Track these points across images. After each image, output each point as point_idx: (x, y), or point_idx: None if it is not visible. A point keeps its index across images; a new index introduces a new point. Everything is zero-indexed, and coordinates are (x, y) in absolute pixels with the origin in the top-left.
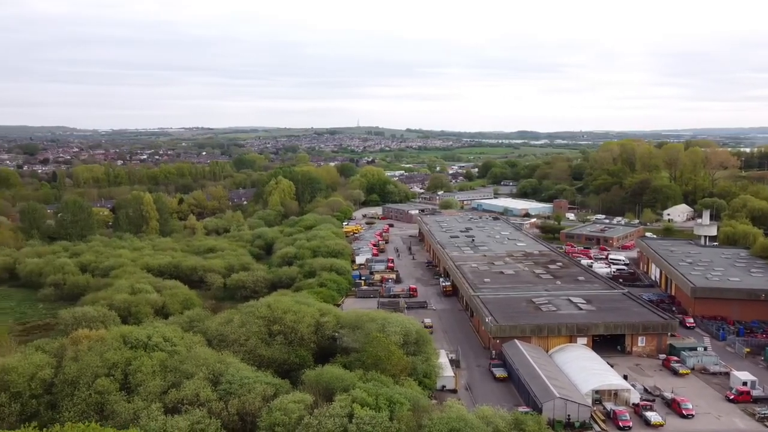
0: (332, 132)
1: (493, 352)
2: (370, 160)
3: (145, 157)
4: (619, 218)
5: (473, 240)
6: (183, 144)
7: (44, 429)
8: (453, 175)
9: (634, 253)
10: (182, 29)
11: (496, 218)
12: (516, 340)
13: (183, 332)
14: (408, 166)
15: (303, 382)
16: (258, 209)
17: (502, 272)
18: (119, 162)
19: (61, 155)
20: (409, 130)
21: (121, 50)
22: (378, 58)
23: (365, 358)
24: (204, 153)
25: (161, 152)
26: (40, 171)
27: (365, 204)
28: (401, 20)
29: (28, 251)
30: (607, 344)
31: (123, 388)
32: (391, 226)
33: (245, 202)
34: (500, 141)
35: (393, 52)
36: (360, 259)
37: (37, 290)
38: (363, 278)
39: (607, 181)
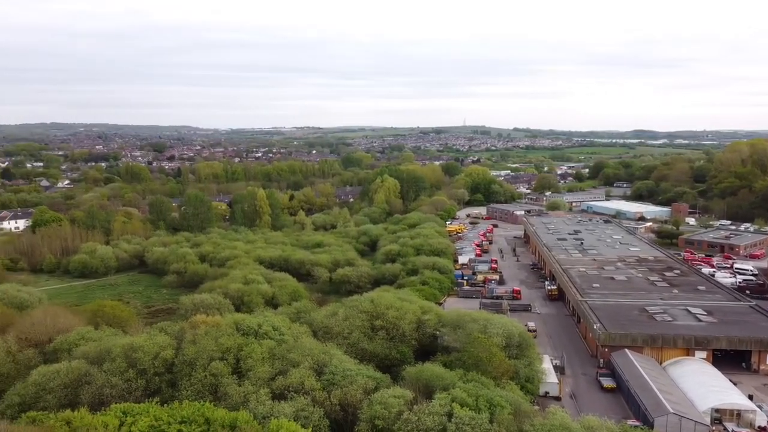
0: (438, 131)
1: (601, 360)
2: (475, 159)
3: (259, 155)
4: (747, 224)
5: (582, 243)
6: (295, 143)
7: (165, 405)
8: (561, 176)
9: (764, 263)
10: (297, 33)
11: (607, 221)
12: (626, 350)
13: (290, 322)
14: (514, 165)
15: (403, 378)
16: (364, 206)
17: (612, 278)
18: (236, 159)
19: (186, 152)
20: (516, 129)
21: (241, 54)
22: (485, 57)
23: (466, 359)
24: (314, 151)
25: (274, 150)
26: (167, 167)
27: (469, 204)
28: (508, 19)
29: (154, 241)
30: (730, 360)
31: (234, 372)
32: (496, 226)
33: (352, 200)
34: (614, 140)
35: (500, 50)
36: (463, 259)
37: (162, 277)
38: (465, 278)
39: (734, 183)
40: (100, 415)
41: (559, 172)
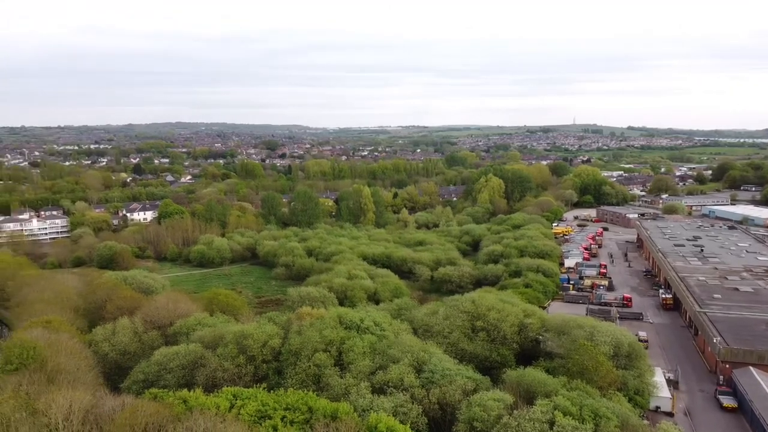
0: (546, 130)
1: (721, 377)
2: (585, 159)
3: (365, 153)
4: None
5: (702, 250)
6: (400, 141)
7: (272, 391)
8: (680, 177)
9: None
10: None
11: (732, 227)
12: (751, 368)
13: (391, 319)
14: (628, 166)
15: (503, 381)
16: (467, 206)
17: (736, 288)
18: (343, 157)
19: (296, 150)
20: (630, 128)
21: (350, 55)
22: (599, 53)
23: (570, 366)
24: (418, 150)
25: (380, 149)
26: (278, 164)
27: (578, 205)
28: (626, 14)
29: (265, 234)
30: None
31: (337, 364)
32: (606, 229)
33: (455, 199)
34: (741, 140)
35: (616, 45)
36: (569, 263)
37: (271, 269)
38: (572, 282)
39: None
40: (213, 397)
41: (677, 173)
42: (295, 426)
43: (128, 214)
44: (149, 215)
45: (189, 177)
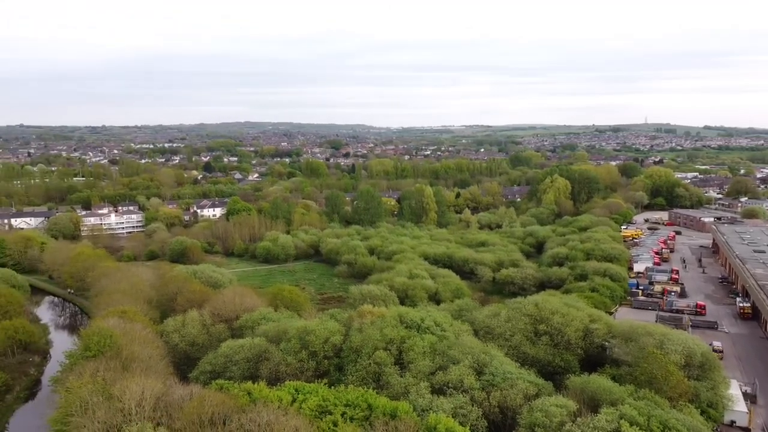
0: (615, 129)
1: None
2: (657, 159)
3: (428, 152)
4: None
5: None
6: (463, 141)
7: (332, 387)
8: (761, 180)
9: None
10: (468, 32)
11: None
12: None
13: (452, 319)
14: (703, 167)
15: (567, 387)
16: (531, 207)
17: None
18: (406, 157)
19: (359, 150)
20: (707, 128)
21: (414, 54)
22: (672, 49)
23: (638, 374)
24: (482, 150)
25: (443, 149)
26: (342, 163)
27: (648, 208)
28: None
29: (329, 232)
30: None
31: (397, 363)
32: (678, 233)
33: (519, 199)
34: None
35: (690, 41)
36: (639, 267)
37: (334, 266)
38: (641, 288)
39: None
40: (276, 390)
41: (759, 175)
42: (355, 423)
43: (199, 211)
44: (218, 212)
45: (256, 175)
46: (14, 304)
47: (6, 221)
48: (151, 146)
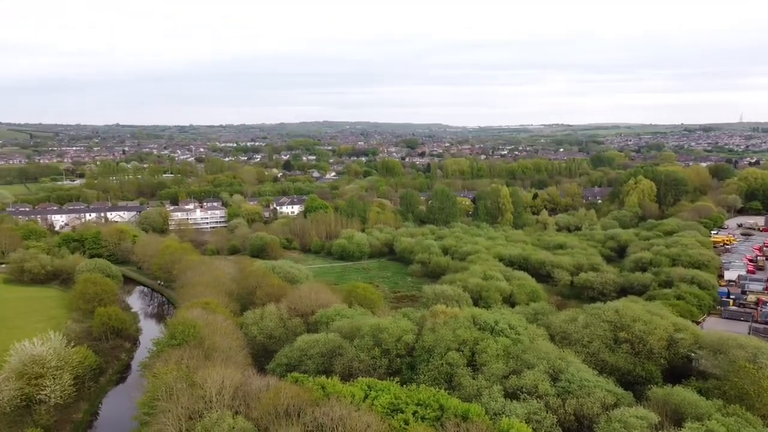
0: (706, 129)
1: None
2: (753, 161)
3: (505, 152)
4: None
5: None
6: (541, 140)
7: (404, 385)
8: None
9: None
10: (546, 29)
11: None
12: None
13: (527, 323)
14: None
15: (648, 398)
16: (613, 209)
17: None
18: (482, 156)
19: (435, 149)
20: None
21: (491, 53)
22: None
23: (727, 389)
24: (561, 149)
25: (520, 148)
26: (417, 162)
27: (742, 212)
28: None
29: (403, 231)
30: None
31: (469, 365)
32: None
33: (599, 201)
34: None
35: None
36: (730, 275)
37: (408, 265)
38: (732, 297)
39: None
40: (349, 386)
41: None
42: (426, 422)
43: (278, 208)
44: (296, 209)
45: (333, 173)
46: (109, 293)
47: (103, 215)
48: (235, 145)
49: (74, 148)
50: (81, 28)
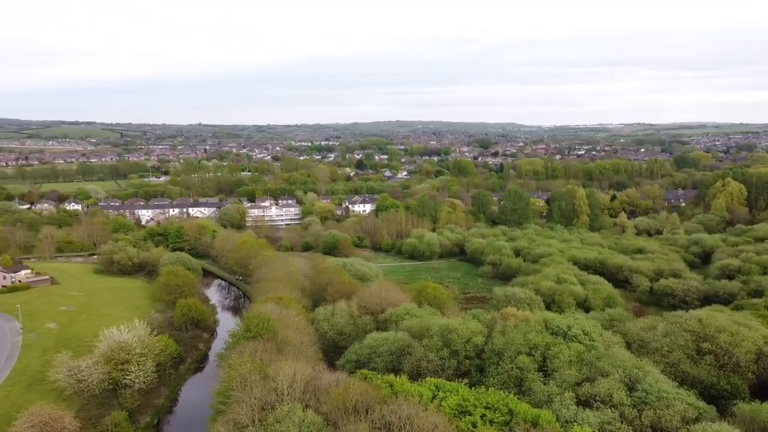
0: None
1: None
2: None
3: (582, 152)
4: None
5: None
6: (621, 140)
7: (473, 388)
8: None
9: None
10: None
11: None
12: None
13: (602, 329)
14: None
15: (733, 414)
16: (697, 213)
17: None
18: (557, 156)
19: (508, 149)
20: None
21: (568, 50)
22: None
23: None
24: (642, 150)
25: (598, 148)
26: (490, 162)
27: None
28: None
29: (474, 232)
30: None
31: (540, 370)
32: None
33: (683, 204)
34: None
35: None
36: None
37: (478, 266)
38: None
39: None
40: (417, 385)
41: None
42: (495, 426)
43: (350, 206)
44: (368, 208)
45: (405, 173)
46: (189, 285)
47: (185, 210)
48: (309, 144)
49: (160, 147)
50: (180, 37)
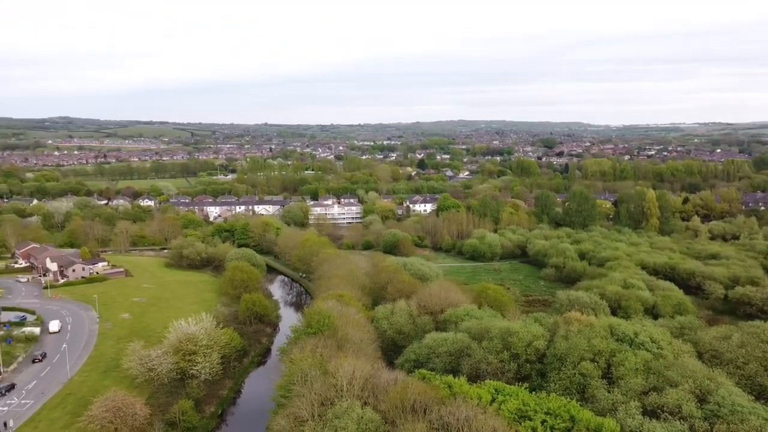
0: None
1: None
2: None
3: (652, 152)
4: None
5: None
6: (695, 140)
7: (533, 392)
8: None
9: None
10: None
11: None
12: None
13: (671, 337)
14: None
15: None
16: None
17: None
18: (626, 157)
19: (574, 149)
20: None
21: (638, 47)
22: None
23: None
24: (718, 150)
25: (670, 148)
26: (555, 162)
27: None
28: None
29: (537, 233)
30: None
31: (604, 377)
32: None
33: (762, 208)
34: None
35: None
36: None
37: (541, 269)
38: None
39: None
40: (476, 387)
41: None
42: None
43: (411, 206)
44: (429, 207)
45: (466, 173)
46: (254, 281)
47: (251, 207)
48: (372, 143)
49: (228, 146)
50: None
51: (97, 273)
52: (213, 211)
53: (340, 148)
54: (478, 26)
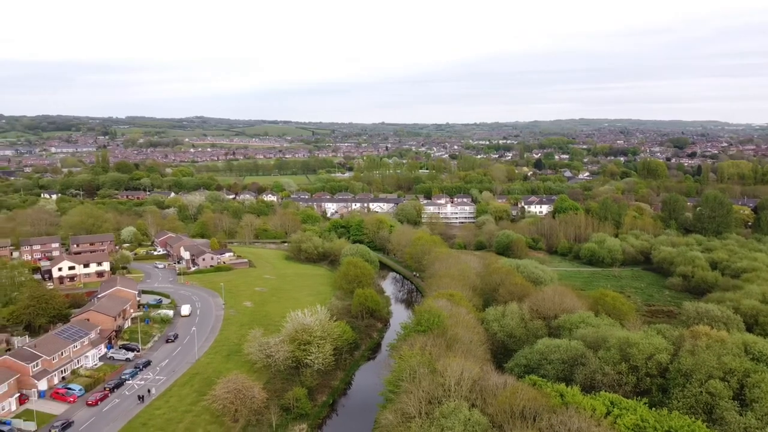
0: None
1: None
2: None
3: None
4: None
5: None
6: None
7: (653, 408)
8: None
9: None
10: None
11: None
12: None
13: None
14: None
15: None
16: None
17: None
18: None
19: (709, 149)
20: None
21: None
22: None
23: None
24: None
25: None
26: (685, 164)
27: None
28: None
29: (663, 239)
30: None
31: (736, 398)
32: None
33: None
34: None
35: None
36: None
37: (666, 277)
38: None
39: None
40: (590, 398)
41: None
42: None
43: (526, 206)
44: (545, 209)
45: (587, 173)
46: (366, 276)
47: (366, 205)
48: (487, 143)
49: (346, 144)
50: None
51: (224, 263)
52: (330, 208)
53: (455, 147)
54: (599, 21)
